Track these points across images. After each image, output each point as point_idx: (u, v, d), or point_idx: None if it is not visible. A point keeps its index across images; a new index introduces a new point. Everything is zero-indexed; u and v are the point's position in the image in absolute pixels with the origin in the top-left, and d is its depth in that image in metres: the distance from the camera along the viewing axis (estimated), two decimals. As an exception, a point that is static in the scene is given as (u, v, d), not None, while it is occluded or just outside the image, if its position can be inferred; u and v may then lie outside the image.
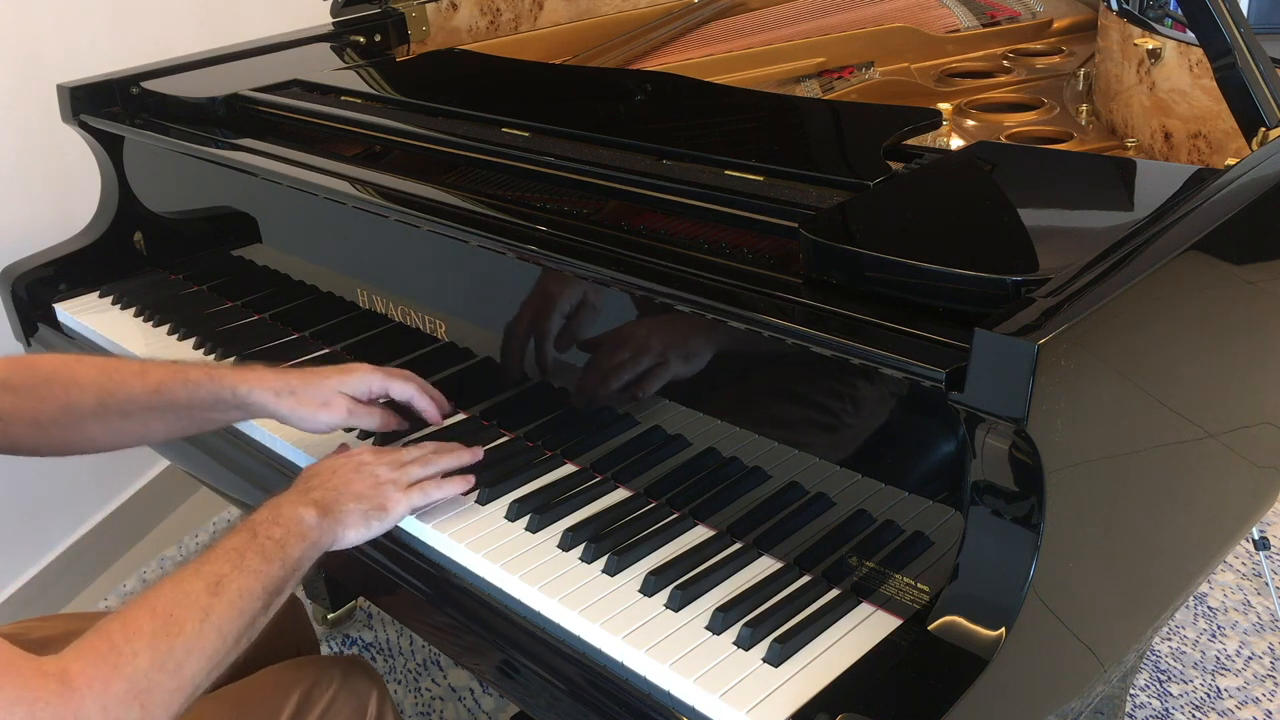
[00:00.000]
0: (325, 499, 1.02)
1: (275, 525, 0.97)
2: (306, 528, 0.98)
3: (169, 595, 0.88)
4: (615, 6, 2.04)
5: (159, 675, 0.83)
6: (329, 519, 1.01)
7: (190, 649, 0.86)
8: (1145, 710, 1.83)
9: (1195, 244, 0.92)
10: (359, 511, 1.03)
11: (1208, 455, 1.06)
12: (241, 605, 0.90)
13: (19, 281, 1.68)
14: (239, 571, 0.92)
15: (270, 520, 0.98)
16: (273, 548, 0.95)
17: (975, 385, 0.79)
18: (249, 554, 0.94)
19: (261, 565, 0.93)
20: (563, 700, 0.96)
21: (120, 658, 0.82)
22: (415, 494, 1.07)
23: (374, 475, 1.07)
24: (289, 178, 1.37)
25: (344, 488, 1.04)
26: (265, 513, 0.99)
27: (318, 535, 0.99)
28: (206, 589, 0.89)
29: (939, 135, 1.53)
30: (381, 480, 1.06)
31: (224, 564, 0.92)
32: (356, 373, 1.17)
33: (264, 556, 0.94)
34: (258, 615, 0.92)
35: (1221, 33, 1.11)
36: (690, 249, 1.07)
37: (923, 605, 0.92)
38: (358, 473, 1.06)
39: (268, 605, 0.93)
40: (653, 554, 1.03)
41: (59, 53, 2.12)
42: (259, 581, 0.92)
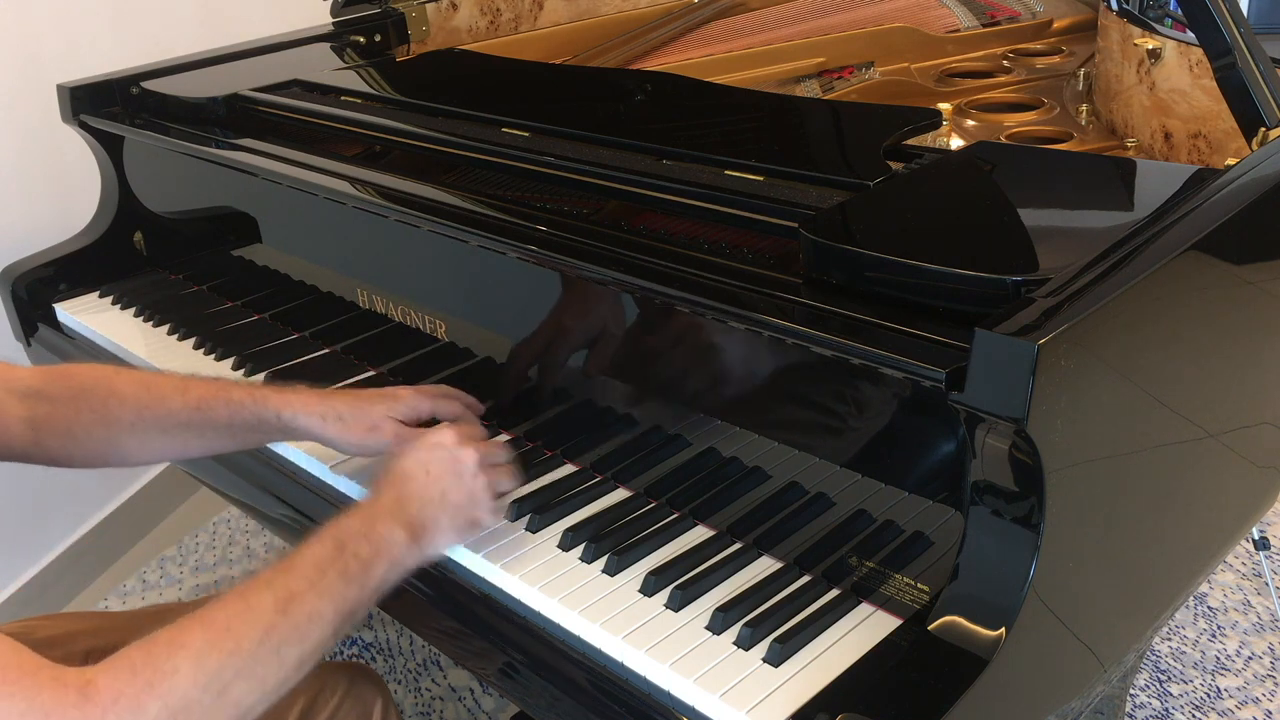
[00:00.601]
0: (421, 516, 0.95)
1: (365, 542, 0.90)
2: (398, 550, 0.92)
3: (232, 607, 0.81)
4: (615, 6, 2.04)
5: (198, 694, 0.76)
6: (422, 539, 0.94)
7: (240, 671, 0.79)
8: (1145, 710, 1.83)
9: (1195, 244, 0.92)
10: (453, 528, 0.98)
11: (1208, 455, 1.06)
12: (308, 629, 0.84)
13: (19, 281, 1.68)
14: (314, 591, 0.85)
15: (361, 535, 0.91)
16: (356, 568, 0.88)
17: (975, 385, 0.79)
18: (330, 572, 0.87)
19: (340, 586, 0.86)
20: (563, 700, 0.96)
21: (157, 673, 0.76)
22: (500, 512, 1.03)
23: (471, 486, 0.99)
24: (289, 178, 1.37)
25: (440, 498, 0.97)
26: (357, 523, 0.92)
27: (405, 558, 0.93)
28: (275, 605, 0.82)
29: (939, 135, 1.53)
30: (478, 490, 1.00)
31: (300, 580, 0.85)
32: (403, 399, 1.12)
33: (345, 577, 0.87)
34: (324, 641, 0.85)
35: (1221, 33, 1.11)
36: (690, 249, 1.07)
37: (923, 605, 0.92)
38: (456, 479, 0.99)
39: (337, 631, 0.86)
40: (653, 554, 1.03)
41: (59, 53, 2.12)
42: (332, 605, 0.85)
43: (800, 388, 0.99)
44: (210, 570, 2.31)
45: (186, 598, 2.22)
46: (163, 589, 2.26)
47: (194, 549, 2.39)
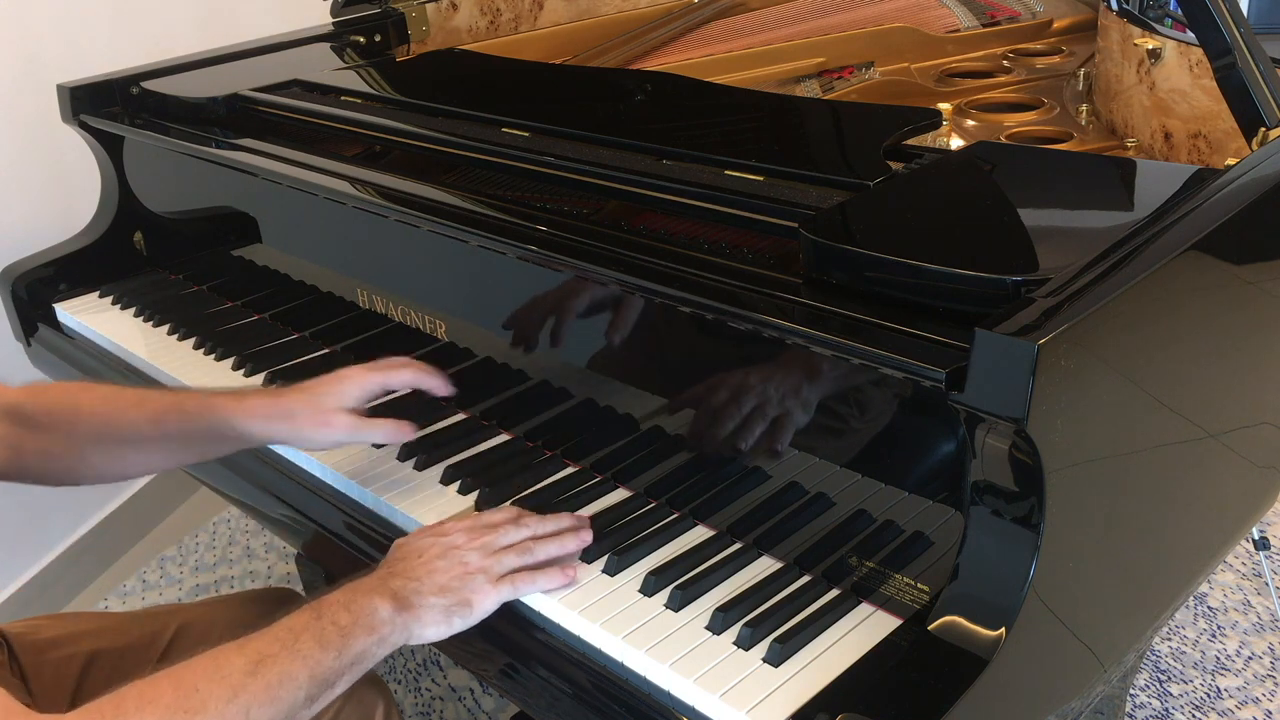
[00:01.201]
0: (404, 590, 0.93)
1: (344, 611, 0.89)
2: (378, 621, 0.89)
3: (202, 667, 0.81)
4: (615, 6, 2.04)
5: None
6: (406, 614, 0.91)
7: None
8: (1145, 710, 1.83)
9: (1195, 244, 0.92)
10: (440, 607, 0.93)
11: (1208, 455, 1.06)
12: (278, 691, 0.82)
13: (19, 281, 1.68)
14: (287, 653, 0.84)
15: (341, 605, 0.89)
16: (334, 634, 0.87)
17: (975, 385, 0.79)
18: (305, 636, 0.86)
19: (315, 651, 0.85)
20: (563, 700, 0.96)
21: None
22: (505, 587, 0.96)
23: (463, 563, 0.96)
24: (289, 178, 1.37)
25: (427, 578, 0.94)
26: (339, 595, 0.91)
27: (388, 631, 0.90)
28: (245, 667, 0.82)
29: (939, 135, 1.53)
30: (470, 569, 0.96)
31: (274, 643, 0.84)
32: (349, 380, 1.12)
33: (320, 642, 0.86)
34: (297, 706, 0.84)
35: (1221, 33, 1.11)
36: (690, 249, 1.07)
37: (923, 605, 0.92)
38: (445, 559, 0.96)
39: (312, 698, 0.85)
40: (653, 554, 1.03)
41: (59, 53, 2.12)
42: (306, 668, 0.84)
43: (800, 388, 0.99)
44: (210, 570, 2.31)
45: (186, 598, 2.22)
46: (163, 589, 2.26)
47: (194, 549, 2.39)
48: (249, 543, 2.39)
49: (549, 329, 1.17)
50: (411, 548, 0.98)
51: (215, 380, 1.41)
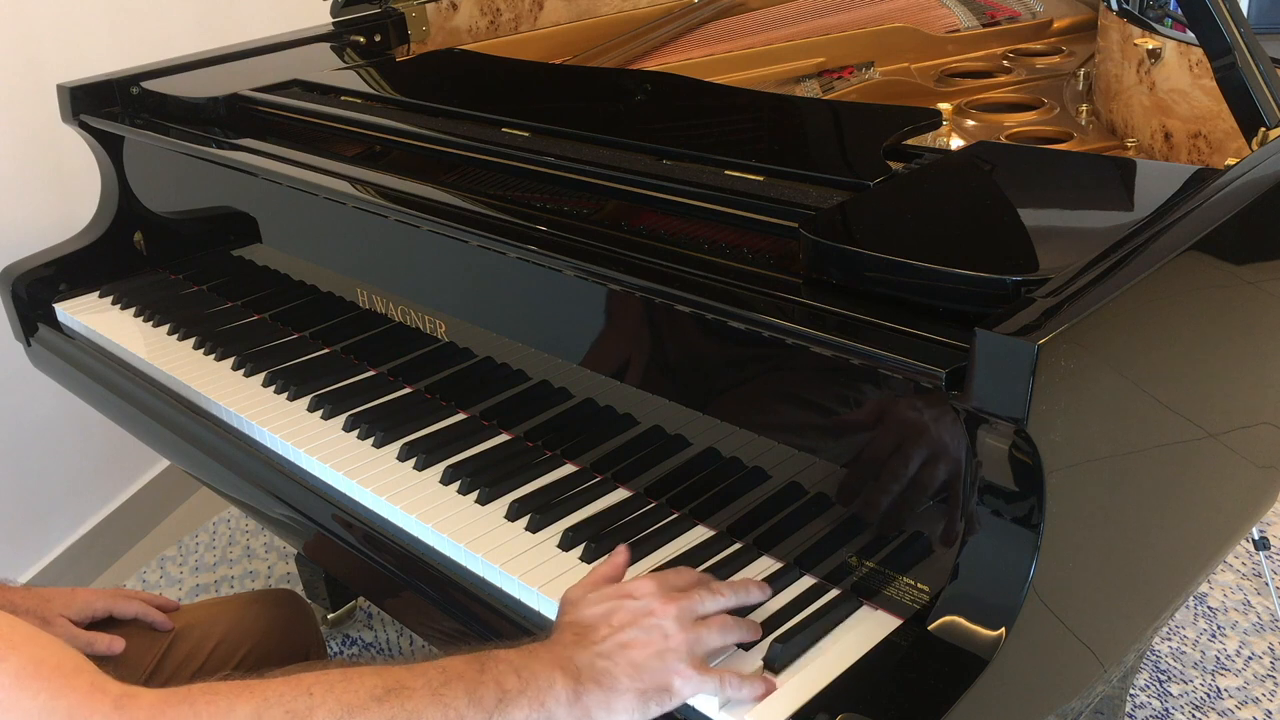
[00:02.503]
0: (594, 669, 0.79)
1: (514, 675, 0.77)
2: (551, 700, 0.77)
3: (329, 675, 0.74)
4: (615, 6, 2.04)
5: None
6: (586, 700, 0.78)
7: None
8: (1145, 710, 1.83)
9: (1195, 244, 0.92)
10: (634, 692, 0.79)
11: (1208, 455, 1.06)
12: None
13: (19, 281, 1.68)
14: (429, 695, 0.74)
15: (512, 667, 0.78)
16: (491, 696, 0.75)
17: (975, 385, 0.79)
18: (456, 684, 0.75)
19: (461, 704, 0.74)
20: (563, 700, 0.96)
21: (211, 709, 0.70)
22: (712, 677, 0.81)
23: (663, 637, 0.82)
24: (289, 178, 1.37)
25: (620, 653, 0.80)
26: (515, 654, 0.80)
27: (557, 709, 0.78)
28: (374, 690, 0.73)
29: (939, 135, 1.53)
30: (671, 648, 0.81)
31: (419, 678, 0.75)
32: (79, 596, 1.17)
33: (472, 698, 0.75)
34: None
35: (1221, 33, 1.11)
36: (690, 249, 1.07)
37: (923, 605, 0.92)
38: (644, 630, 0.82)
39: None
40: (653, 554, 1.03)
41: (59, 53, 2.12)
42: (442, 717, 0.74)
43: (800, 388, 0.99)
44: (210, 570, 2.31)
45: (186, 598, 2.22)
46: (163, 589, 2.26)
47: (194, 549, 2.39)
48: (249, 543, 2.39)
49: (549, 329, 1.17)
50: (602, 609, 0.84)
51: (216, 380, 1.41)
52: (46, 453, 2.21)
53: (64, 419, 2.19)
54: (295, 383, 1.36)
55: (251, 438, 1.32)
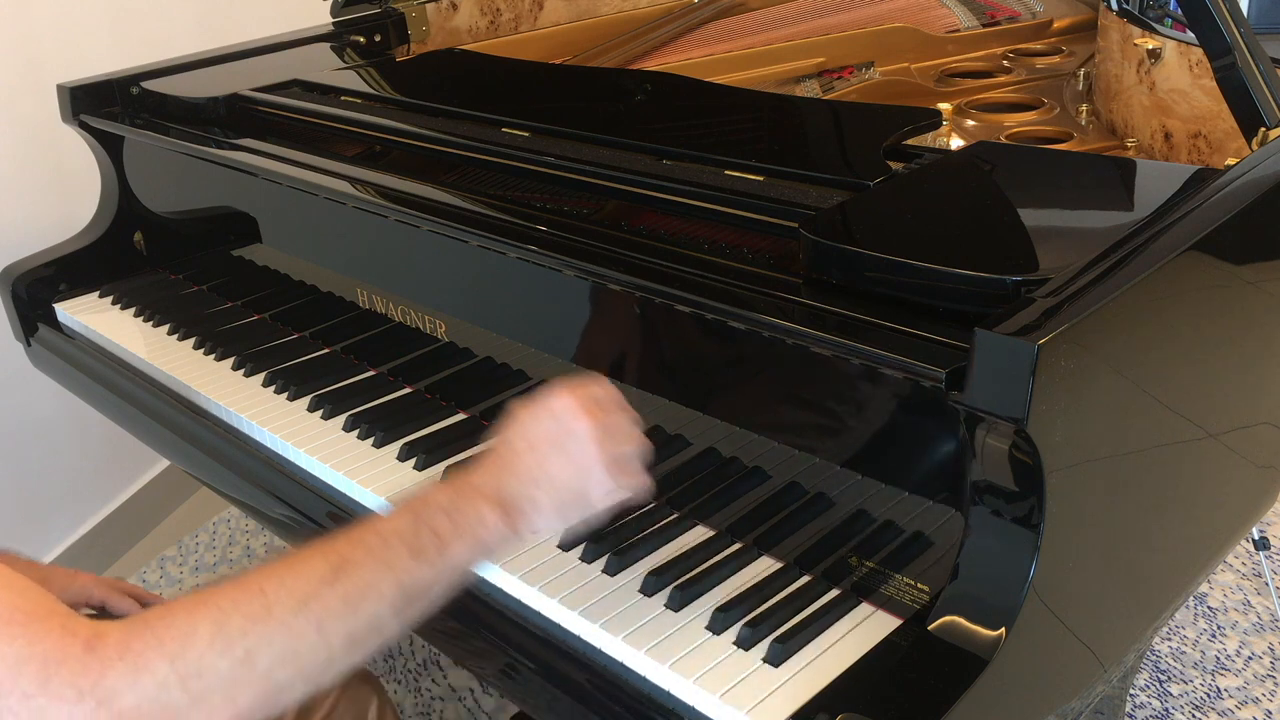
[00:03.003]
0: (516, 495, 0.84)
1: (446, 517, 0.80)
2: (485, 531, 0.81)
3: (273, 568, 0.74)
4: (615, 6, 2.04)
5: (218, 660, 0.69)
6: (516, 522, 0.84)
7: (271, 639, 0.71)
8: (1145, 710, 1.83)
9: (1195, 244, 0.92)
10: (553, 507, 0.86)
11: (1208, 455, 1.06)
12: (361, 604, 0.74)
13: (19, 281, 1.68)
14: (374, 562, 0.75)
15: (443, 510, 0.81)
16: (430, 544, 0.78)
17: (975, 385, 0.79)
18: (397, 544, 0.77)
19: (408, 561, 0.77)
20: (562, 700, 0.96)
21: (170, 631, 0.69)
22: (623, 482, 0.87)
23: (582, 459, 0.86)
24: (289, 178, 1.37)
25: (545, 475, 0.85)
26: (443, 497, 0.82)
27: (493, 538, 0.82)
28: (323, 573, 0.74)
29: (939, 135, 1.53)
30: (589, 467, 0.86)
31: (360, 548, 0.76)
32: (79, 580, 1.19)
33: (416, 552, 0.77)
34: (383, 620, 0.76)
35: (1221, 33, 1.11)
36: (690, 249, 1.07)
37: (923, 605, 0.92)
38: (564, 452, 0.86)
39: (399, 612, 0.77)
40: (653, 554, 1.03)
41: (59, 53, 2.12)
42: (394, 580, 0.76)
43: (800, 388, 0.99)
44: (210, 570, 2.31)
45: (186, 598, 2.22)
46: (163, 589, 2.26)
47: (194, 549, 2.39)
48: (249, 543, 2.39)
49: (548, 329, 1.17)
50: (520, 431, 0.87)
51: (216, 380, 1.41)
52: (46, 453, 2.21)
53: (64, 419, 2.19)
54: (295, 383, 1.36)
55: (251, 438, 1.32)
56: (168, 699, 0.67)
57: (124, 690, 0.66)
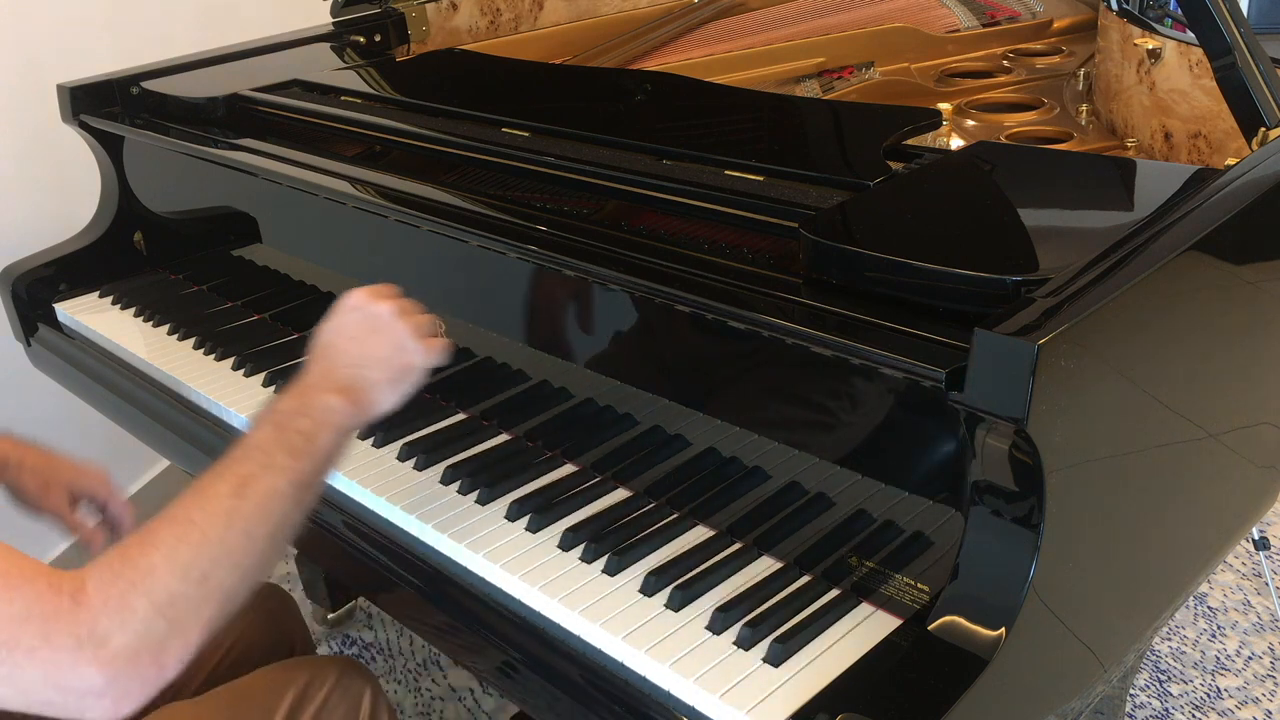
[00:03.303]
0: (352, 379, 0.96)
1: (304, 417, 0.92)
2: (338, 417, 0.93)
3: (190, 501, 0.84)
4: (615, 6, 2.04)
5: (181, 586, 0.80)
6: (360, 402, 0.95)
7: (216, 557, 0.82)
8: (1145, 710, 1.83)
9: (1195, 244, 0.92)
10: (386, 382, 0.97)
11: (1208, 455, 1.06)
12: (270, 506, 0.86)
13: (19, 281, 1.68)
14: (266, 470, 0.87)
15: (297, 411, 0.92)
16: (301, 442, 0.90)
17: (975, 385, 0.79)
18: (275, 450, 0.89)
19: (289, 461, 0.88)
20: (562, 700, 0.96)
21: (136, 572, 0.79)
22: (434, 346, 1.00)
23: (393, 335, 0.98)
24: (289, 178, 1.37)
25: (366, 357, 0.97)
26: (290, 402, 0.93)
27: (346, 419, 0.94)
28: (231, 491, 0.85)
29: (939, 135, 1.53)
30: (402, 340, 0.98)
31: (249, 463, 0.87)
32: (88, 477, 1.21)
33: (292, 452, 0.89)
34: (289, 514, 0.88)
35: (1221, 33, 1.11)
36: (690, 249, 1.07)
37: (923, 605, 0.92)
38: (375, 333, 0.98)
39: (300, 501, 0.89)
40: (653, 554, 1.03)
41: (58, 53, 2.12)
42: (287, 478, 0.87)
43: (800, 388, 0.99)
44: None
45: (186, 598, 2.22)
46: (163, 589, 2.26)
47: (194, 549, 2.38)
48: (249, 543, 2.39)
49: (549, 329, 1.17)
50: (332, 329, 1.00)
51: (216, 380, 1.41)
52: (46, 453, 2.21)
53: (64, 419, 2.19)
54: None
55: (251, 438, 1.32)
56: (152, 630, 0.77)
57: (115, 631, 0.76)
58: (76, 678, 0.75)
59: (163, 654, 0.78)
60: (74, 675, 0.75)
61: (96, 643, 0.75)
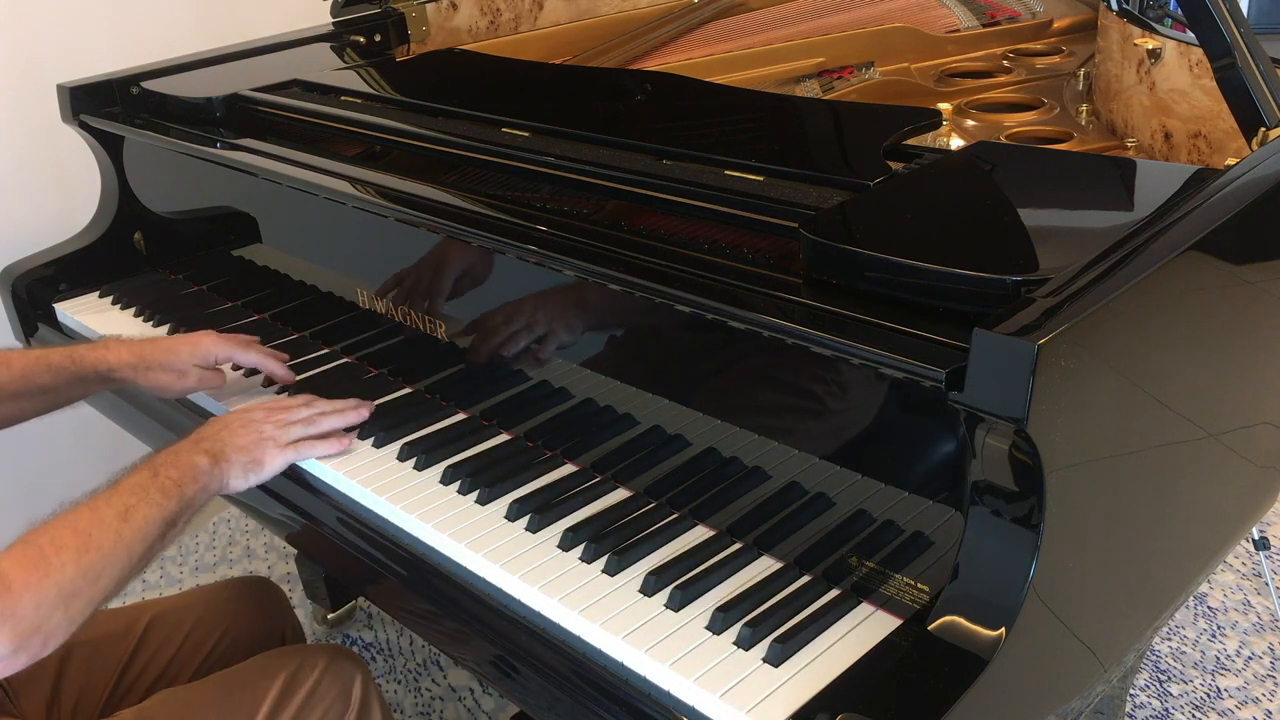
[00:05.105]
0: (214, 449, 1.14)
1: (174, 468, 1.10)
2: (199, 472, 1.11)
3: (87, 518, 1.00)
4: (615, 6, 2.04)
5: (82, 584, 0.96)
6: (218, 467, 1.13)
7: (106, 565, 0.98)
8: (1145, 710, 1.83)
9: (1195, 244, 0.92)
10: (240, 463, 1.15)
11: (1208, 455, 1.06)
12: (146, 531, 1.03)
13: (19, 281, 1.68)
14: (144, 503, 1.04)
15: (169, 463, 1.10)
16: (171, 486, 1.07)
17: (975, 385, 0.79)
18: (152, 489, 1.06)
19: (162, 499, 1.06)
20: (562, 700, 0.96)
21: (50, 566, 0.94)
22: (290, 452, 1.19)
23: (258, 431, 1.18)
24: (289, 178, 1.37)
25: (230, 439, 1.16)
26: (165, 457, 1.12)
27: (208, 480, 1.12)
28: (118, 515, 1.02)
29: (939, 135, 1.53)
30: (264, 436, 1.18)
31: (131, 496, 1.04)
32: (203, 344, 1.31)
33: (164, 493, 1.06)
34: (155, 542, 1.05)
35: (1221, 33, 1.11)
36: (690, 249, 1.07)
37: (923, 605, 0.92)
38: (245, 428, 1.18)
39: (164, 534, 1.06)
40: (653, 554, 1.03)
41: (58, 53, 2.12)
42: (160, 512, 1.05)
43: (800, 388, 0.99)
44: (210, 570, 2.31)
45: (186, 598, 2.22)
46: (163, 589, 2.26)
47: (194, 549, 2.38)
48: (249, 543, 2.39)
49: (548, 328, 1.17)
50: (219, 420, 1.20)
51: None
52: (46, 453, 2.21)
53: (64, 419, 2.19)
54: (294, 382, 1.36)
55: (251, 438, 1.32)
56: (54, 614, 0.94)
57: (29, 614, 0.92)
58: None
59: (52, 637, 0.94)
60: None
61: (15, 619, 0.91)
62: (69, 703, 1.21)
